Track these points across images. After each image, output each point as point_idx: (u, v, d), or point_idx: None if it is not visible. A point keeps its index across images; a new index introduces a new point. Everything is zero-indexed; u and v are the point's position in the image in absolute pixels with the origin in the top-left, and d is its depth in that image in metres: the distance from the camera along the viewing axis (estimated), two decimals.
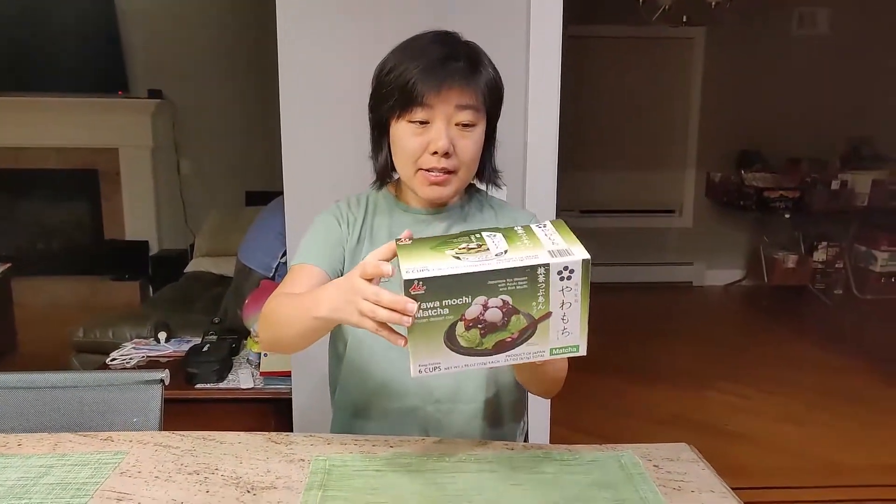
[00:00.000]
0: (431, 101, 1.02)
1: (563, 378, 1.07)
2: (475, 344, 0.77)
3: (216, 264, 3.94)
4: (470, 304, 0.75)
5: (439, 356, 0.78)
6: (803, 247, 4.97)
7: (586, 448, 1.04)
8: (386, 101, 1.07)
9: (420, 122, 1.04)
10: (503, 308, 0.76)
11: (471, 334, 0.77)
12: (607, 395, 3.15)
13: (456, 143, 1.05)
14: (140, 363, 2.33)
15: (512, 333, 0.78)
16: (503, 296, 0.75)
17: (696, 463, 1.01)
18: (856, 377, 3.52)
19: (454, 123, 1.04)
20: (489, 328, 0.77)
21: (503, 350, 0.78)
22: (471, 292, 0.75)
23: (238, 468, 0.98)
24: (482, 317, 0.76)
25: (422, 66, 1.03)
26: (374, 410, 1.15)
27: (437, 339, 0.77)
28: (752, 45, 4.95)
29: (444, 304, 0.75)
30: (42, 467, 0.99)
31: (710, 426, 2.95)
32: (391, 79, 1.05)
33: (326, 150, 1.83)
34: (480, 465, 0.98)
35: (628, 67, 5.10)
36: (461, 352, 0.78)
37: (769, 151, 5.11)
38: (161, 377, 1.28)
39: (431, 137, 1.04)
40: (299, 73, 1.78)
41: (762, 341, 4.16)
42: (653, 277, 5.28)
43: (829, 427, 2.96)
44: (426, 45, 1.06)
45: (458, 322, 0.76)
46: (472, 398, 1.13)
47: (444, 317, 0.75)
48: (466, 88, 1.03)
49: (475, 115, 1.05)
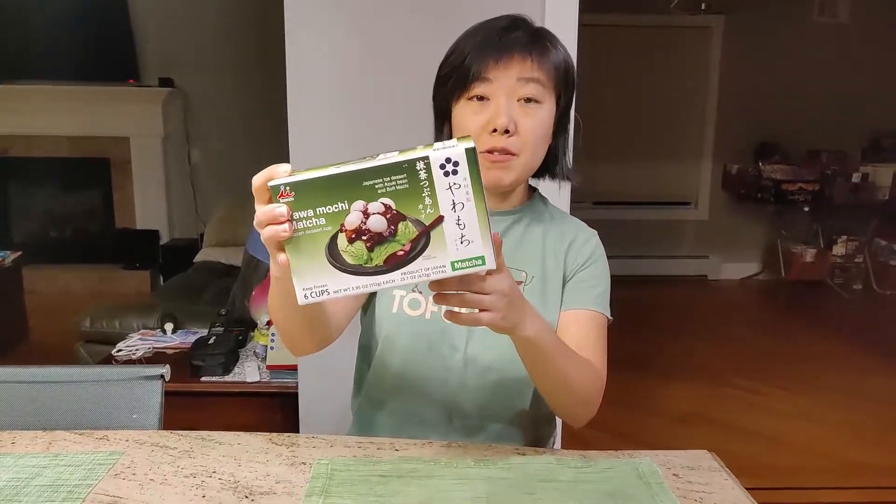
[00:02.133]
0: (490, 73, 0.94)
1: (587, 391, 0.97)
2: (363, 260, 0.69)
3: (225, 254, 3.93)
4: (348, 211, 0.68)
5: (325, 276, 0.70)
6: (822, 240, 4.89)
7: (602, 454, 0.99)
8: (445, 84, 1.00)
9: (479, 97, 0.96)
10: (386, 214, 0.68)
11: (356, 248, 0.69)
12: (622, 390, 3.08)
13: (518, 121, 0.95)
14: (146, 354, 2.30)
15: (403, 245, 0.69)
16: (383, 199, 0.68)
17: (719, 472, 0.95)
18: (876, 375, 3.45)
19: (517, 99, 0.95)
20: (375, 239, 0.69)
21: (397, 266, 0.70)
22: (346, 196, 0.67)
23: (237, 471, 0.94)
24: (364, 226, 0.68)
25: (479, 39, 0.96)
26: (397, 415, 1.09)
27: (319, 255, 0.69)
28: (771, 33, 4.84)
29: (318, 213, 0.68)
30: (35, 468, 0.95)
31: (727, 423, 2.90)
32: (450, 60, 0.99)
33: (333, 141, 1.79)
34: (490, 471, 0.93)
35: (645, 57, 5.01)
36: (349, 270, 0.70)
37: (788, 143, 5.02)
38: (161, 373, 1.24)
39: (491, 114, 0.95)
40: (306, 64, 1.75)
41: (779, 337, 4.09)
42: (667, 271, 5.22)
43: (848, 426, 2.90)
44: (488, 22, 1.00)
45: (338, 234, 0.69)
46: (500, 415, 1.07)
47: (322, 228, 0.68)
48: (529, 59, 0.95)
49: (541, 91, 0.96)
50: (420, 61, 1.74)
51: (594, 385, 0.99)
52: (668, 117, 5.14)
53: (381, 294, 1.06)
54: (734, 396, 3.17)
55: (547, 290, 1.05)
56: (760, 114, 4.99)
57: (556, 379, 0.94)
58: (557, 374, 0.93)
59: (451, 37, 1.69)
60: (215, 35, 4.61)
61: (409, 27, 1.74)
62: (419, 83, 1.73)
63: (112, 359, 2.28)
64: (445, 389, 1.05)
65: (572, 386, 0.96)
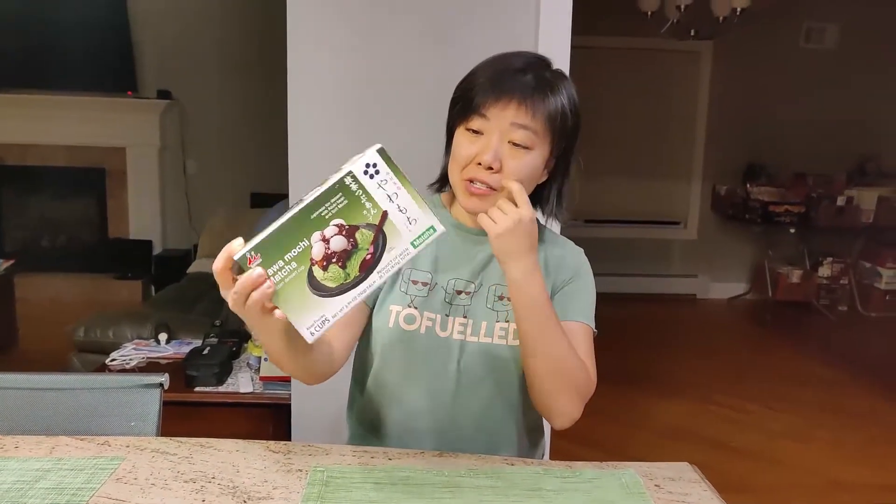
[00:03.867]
0: (488, 111, 1.00)
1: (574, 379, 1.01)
2: (342, 278, 0.78)
3: None
4: (311, 246, 0.76)
5: (318, 308, 0.78)
6: (808, 262, 4.96)
7: (587, 465, 1.03)
8: (453, 107, 1.06)
9: (475, 130, 1.01)
10: (342, 231, 0.77)
11: (332, 272, 0.78)
12: (609, 406, 3.13)
13: (505, 160, 1.00)
14: (140, 364, 2.32)
15: (367, 250, 0.79)
16: (333, 221, 0.77)
17: (699, 483, 0.99)
18: (860, 394, 3.50)
19: (508, 140, 1.00)
20: (343, 256, 0.78)
21: (371, 269, 0.79)
22: (303, 235, 0.76)
23: (235, 477, 0.97)
24: (329, 250, 0.77)
25: (489, 75, 1.01)
26: (393, 426, 1.13)
27: (304, 294, 0.77)
28: (759, 59, 4.95)
29: (287, 260, 0.76)
30: (38, 471, 0.98)
31: (712, 440, 2.94)
32: (462, 85, 1.05)
33: (332, 153, 1.81)
34: (480, 479, 0.97)
35: (635, 79, 5.11)
36: (335, 293, 0.78)
37: (775, 165, 5.11)
38: (161, 381, 1.27)
39: (481, 148, 1.00)
40: (307, 75, 1.78)
41: (765, 356, 4.14)
42: (656, 289, 5.27)
43: (831, 444, 2.94)
44: (507, 57, 1.04)
45: (312, 268, 0.77)
46: (491, 426, 1.11)
47: (296, 271, 0.77)
48: (525, 106, 0.99)
49: (531, 138, 1.00)
50: (420, 75, 1.79)
51: (583, 379, 1.03)
52: (659, 138, 5.23)
53: (378, 311, 1.10)
54: (720, 414, 3.22)
55: None
56: (748, 136, 5.09)
57: (535, 341, 0.99)
58: (539, 335, 0.99)
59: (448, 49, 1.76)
60: (214, 48, 4.67)
61: (410, 42, 1.78)
62: (420, 96, 1.79)
63: (106, 368, 2.29)
64: (439, 401, 1.09)
65: (560, 366, 1.00)
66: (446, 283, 1.10)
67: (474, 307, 1.09)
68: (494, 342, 1.08)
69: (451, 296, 1.09)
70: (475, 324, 1.08)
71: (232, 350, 2.31)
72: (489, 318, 1.09)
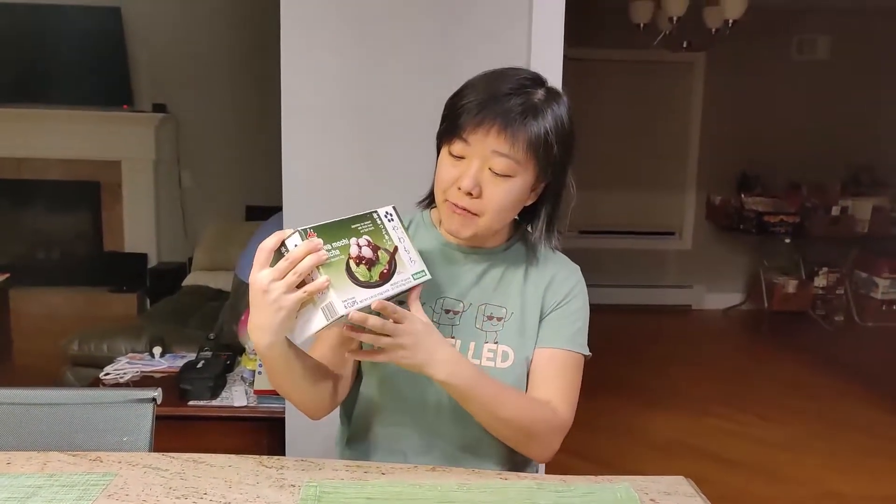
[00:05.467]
0: (470, 137, 0.98)
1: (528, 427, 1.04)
2: (367, 277, 0.95)
3: (214, 278, 3.94)
4: (349, 245, 0.95)
5: (351, 290, 0.92)
6: (804, 272, 4.97)
7: (581, 479, 1.03)
8: (441, 122, 1.05)
9: (457, 156, 1.01)
10: (369, 245, 0.97)
11: (361, 270, 0.94)
12: (604, 418, 3.13)
13: (485, 187, 1.00)
14: (134, 378, 2.31)
15: (384, 265, 0.97)
16: (365, 236, 0.97)
17: (694, 497, 0.99)
18: (855, 405, 3.50)
19: (488, 167, 0.99)
20: (369, 262, 0.96)
21: (386, 280, 0.96)
22: (344, 235, 0.95)
23: (227, 493, 0.96)
24: (360, 253, 0.95)
25: (476, 100, 0.99)
26: (382, 443, 1.12)
27: (343, 275, 0.92)
28: (752, 70, 4.99)
29: (333, 247, 0.93)
30: (30, 487, 0.97)
31: (708, 451, 2.93)
32: (452, 102, 1.03)
33: (326, 167, 1.83)
34: (473, 494, 0.97)
35: (629, 91, 5.14)
36: (363, 285, 0.94)
37: (769, 176, 5.14)
38: (153, 396, 1.26)
39: (461, 173, 1.00)
40: (301, 88, 1.79)
41: (761, 367, 4.14)
42: (651, 300, 5.28)
43: (828, 455, 2.94)
44: (498, 77, 1.02)
45: (349, 260, 0.94)
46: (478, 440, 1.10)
47: (338, 256, 0.93)
48: (506, 135, 0.97)
49: (512, 167, 0.99)
50: (414, 86, 1.80)
51: (542, 423, 1.04)
52: (652, 149, 5.25)
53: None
54: (715, 425, 3.21)
55: (525, 325, 1.09)
56: (742, 147, 5.11)
57: (486, 415, 1.02)
58: (486, 411, 1.02)
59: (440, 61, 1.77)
60: (209, 62, 4.69)
61: (404, 53, 1.79)
62: (413, 108, 1.80)
63: (100, 382, 2.28)
64: (425, 416, 1.09)
65: (508, 422, 1.03)
66: (434, 303, 1.09)
67: (462, 326, 1.09)
68: (483, 364, 1.07)
69: (440, 315, 1.09)
70: (463, 344, 1.08)
71: (226, 363, 2.30)
72: (478, 338, 1.08)
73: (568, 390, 1.07)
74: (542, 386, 1.08)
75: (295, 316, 0.92)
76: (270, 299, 0.88)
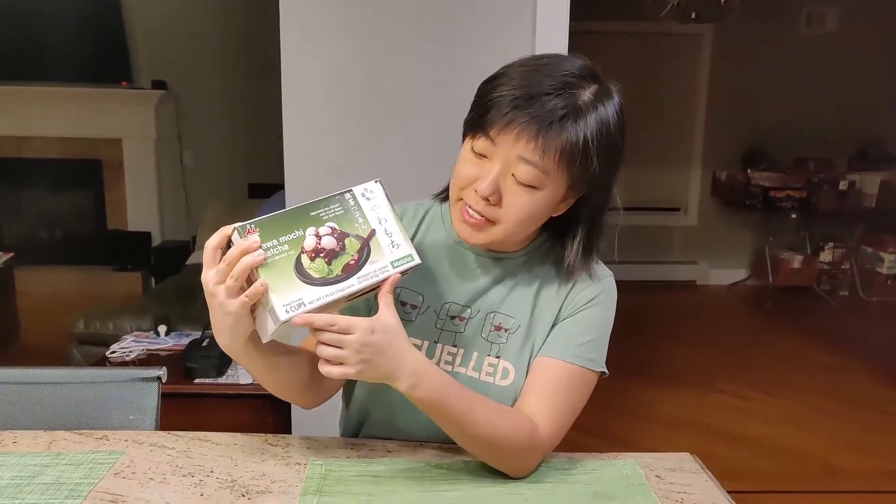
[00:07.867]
0: (497, 136, 0.87)
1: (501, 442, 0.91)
2: (325, 273, 0.85)
3: None
4: (304, 237, 0.85)
5: (298, 291, 0.83)
6: (809, 247, 4.95)
7: (587, 457, 1.03)
8: (470, 111, 0.92)
9: (480, 153, 0.89)
10: (334, 234, 0.86)
11: (317, 264, 0.85)
12: (609, 394, 3.12)
13: (505, 195, 0.89)
14: (140, 356, 2.32)
15: (352, 255, 0.87)
16: (329, 223, 0.87)
17: (700, 474, 0.99)
18: (860, 380, 3.50)
19: (511, 174, 0.88)
20: (330, 254, 0.86)
21: (352, 273, 0.86)
22: (299, 226, 0.85)
23: (233, 471, 0.96)
24: (319, 245, 0.85)
25: (510, 94, 0.86)
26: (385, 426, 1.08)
27: (289, 274, 0.83)
28: (760, 43, 4.91)
29: (280, 242, 0.84)
30: (37, 466, 0.97)
31: (713, 427, 2.94)
32: (482, 90, 0.91)
33: (327, 144, 1.82)
34: (479, 472, 0.97)
35: (635, 64, 5.07)
36: (316, 283, 0.84)
37: (776, 151, 5.09)
38: (159, 374, 1.26)
39: (481, 174, 0.89)
40: (301, 66, 1.77)
41: (766, 342, 4.14)
42: (656, 276, 5.27)
43: (831, 431, 2.95)
44: (538, 69, 0.89)
45: (301, 256, 0.84)
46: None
47: (286, 253, 0.84)
48: (537, 143, 0.85)
49: (538, 178, 0.87)
50: (413, 67, 1.78)
51: (518, 439, 0.92)
52: (658, 123, 5.20)
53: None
54: (720, 401, 3.22)
55: (530, 339, 1.00)
56: (749, 121, 5.06)
57: (454, 430, 0.92)
58: (455, 426, 0.91)
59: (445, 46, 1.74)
60: (208, 38, 4.63)
61: (404, 31, 1.77)
62: (413, 88, 1.78)
63: (106, 360, 2.29)
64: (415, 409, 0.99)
65: (476, 438, 0.91)
66: (439, 307, 1.01)
67: (467, 335, 1.00)
68: (481, 379, 0.99)
69: (444, 321, 1.00)
70: (465, 354, 1.00)
71: None
72: (481, 349, 0.99)
73: (558, 408, 0.95)
74: (529, 398, 0.96)
75: (248, 318, 0.84)
76: (216, 303, 0.82)
